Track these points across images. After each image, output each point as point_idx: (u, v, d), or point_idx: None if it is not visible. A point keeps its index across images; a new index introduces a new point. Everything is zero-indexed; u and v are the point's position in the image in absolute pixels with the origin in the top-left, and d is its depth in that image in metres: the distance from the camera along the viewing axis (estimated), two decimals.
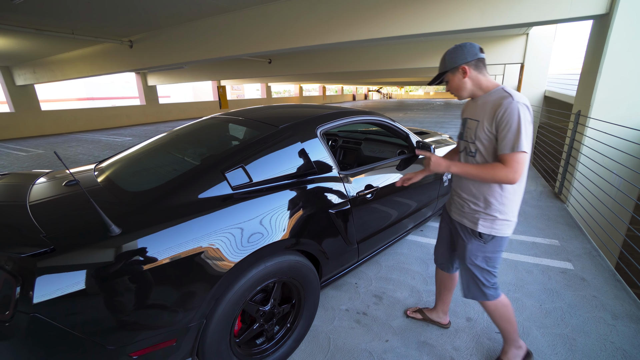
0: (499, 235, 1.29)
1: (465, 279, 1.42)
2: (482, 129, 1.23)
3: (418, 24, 4.29)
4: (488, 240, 1.30)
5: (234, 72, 12.92)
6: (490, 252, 1.32)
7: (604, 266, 2.33)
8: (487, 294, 1.37)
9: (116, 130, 12.79)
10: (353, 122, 2.00)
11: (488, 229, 1.28)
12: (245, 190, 1.38)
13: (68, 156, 7.41)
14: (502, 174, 1.15)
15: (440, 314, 1.77)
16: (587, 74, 3.78)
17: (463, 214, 1.36)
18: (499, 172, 1.15)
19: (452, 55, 1.25)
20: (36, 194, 1.39)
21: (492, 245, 1.31)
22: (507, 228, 1.28)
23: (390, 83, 31.88)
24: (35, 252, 0.91)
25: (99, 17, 5.88)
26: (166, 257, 1.06)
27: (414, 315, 1.84)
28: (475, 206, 1.30)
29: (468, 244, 1.35)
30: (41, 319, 0.87)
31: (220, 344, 1.25)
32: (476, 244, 1.33)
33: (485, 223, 1.28)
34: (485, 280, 1.36)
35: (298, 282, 1.50)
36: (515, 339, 1.47)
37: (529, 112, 1.13)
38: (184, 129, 2.15)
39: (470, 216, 1.33)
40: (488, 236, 1.29)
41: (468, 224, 1.34)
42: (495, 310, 1.41)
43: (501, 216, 1.26)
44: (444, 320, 1.77)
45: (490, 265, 1.34)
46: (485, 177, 1.19)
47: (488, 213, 1.27)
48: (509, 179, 1.14)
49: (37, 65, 10.44)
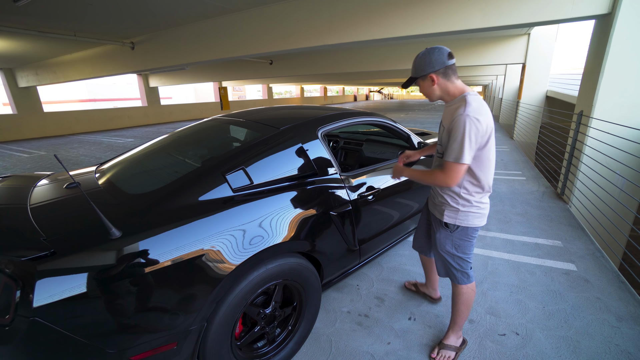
0: (464, 225, 1.40)
1: (439, 263, 1.57)
2: (444, 133, 1.33)
3: (419, 25, 4.28)
4: (454, 230, 1.44)
5: (236, 73, 12.96)
6: (458, 239, 1.45)
7: (607, 267, 2.31)
8: (458, 277, 1.51)
9: (118, 131, 12.83)
10: (354, 123, 1.99)
11: (452, 220, 1.42)
12: (246, 192, 1.37)
13: (70, 158, 7.43)
14: (440, 179, 1.29)
15: (431, 290, 1.98)
16: (589, 74, 3.76)
17: (434, 206, 1.52)
18: (437, 177, 1.30)
19: (422, 62, 1.31)
20: (37, 197, 1.39)
21: (458, 234, 1.44)
22: (472, 219, 1.40)
23: (391, 84, 31.86)
24: (36, 256, 0.91)
25: (101, 19, 5.91)
26: (167, 260, 1.06)
27: (410, 287, 2.09)
28: (442, 199, 1.45)
29: (437, 233, 1.51)
30: (41, 323, 0.87)
31: (222, 347, 1.25)
32: (444, 233, 1.47)
33: (450, 214, 1.42)
34: (457, 265, 1.49)
35: (299, 285, 1.50)
36: (461, 327, 1.61)
37: (477, 125, 1.20)
38: (185, 130, 2.15)
39: (439, 208, 1.48)
40: (453, 226, 1.43)
41: (437, 215, 1.49)
42: (463, 294, 1.53)
43: (463, 208, 1.39)
44: (435, 295, 1.97)
45: (460, 251, 1.46)
46: (426, 181, 1.38)
47: (452, 205, 1.41)
48: (446, 184, 1.28)
49: (40, 67, 10.50)
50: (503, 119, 11.84)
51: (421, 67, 1.31)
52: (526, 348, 1.61)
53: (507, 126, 10.74)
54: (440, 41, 8.88)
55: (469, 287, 1.52)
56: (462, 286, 1.52)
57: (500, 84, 15.77)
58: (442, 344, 1.59)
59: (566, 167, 3.82)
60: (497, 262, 2.43)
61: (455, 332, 1.60)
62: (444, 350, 1.56)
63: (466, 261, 1.48)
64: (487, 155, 1.28)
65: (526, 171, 5.12)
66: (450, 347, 1.57)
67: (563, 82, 9.08)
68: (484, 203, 1.40)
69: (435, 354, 1.56)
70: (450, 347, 1.57)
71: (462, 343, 1.62)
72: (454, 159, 1.23)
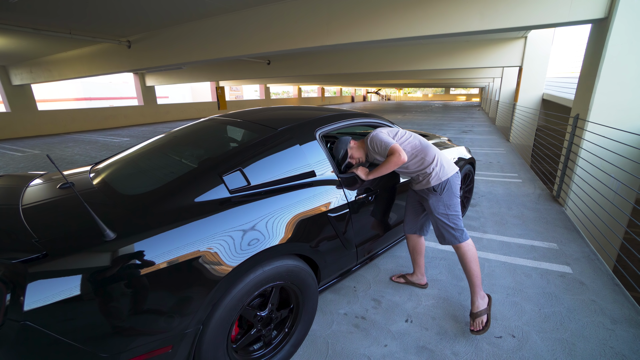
0: (444, 178, 1.74)
1: (437, 228, 1.82)
2: None
3: (417, 27, 4.30)
4: (441, 191, 1.75)
5: (233, 73, 12.92)
6: (447, 200, 1.76)
7: (602, 270, 2.33)
8: (457, 236, 1.75)
9: (114, 130, 12.72)
10: (352, 124, 1.99)
11: (436, 181, 1.74)
12: (243, 193, 1.36)
13: (65, 157, 7.35)
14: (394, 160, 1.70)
15: (419, 276, 2.13)
16: (585, 77, 3.79)
17: (419, 183, 1.83)
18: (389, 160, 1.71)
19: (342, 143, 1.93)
20: (29, 197, 1.37)
21: (446, 194, 1.75)
22: (445, 171, 1.76)
23: (389, 85, 31.97)
24: (27, 258, 0.89)
25: (96, 16, 5.86)
26: (162, 262, 1.04)
27: (398, 280, 2.20)
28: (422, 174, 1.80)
29: (430, 200, 1.79)
30: (32, 327, 0.85)
31: (217, 350, 1.23)
32: (433, 197, 1.77)
33: (431, 179, 1.75)
34: (453, 224, 1.76)
35: (296, 287, 1.48)
36: (480, 285, 1.78)
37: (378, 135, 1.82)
38: (182, 130, 2.13)
39: (424, 182, 1.80)
40: (439, 186, 1.74)
41: (424, 186, 1.80)
42: (467, 251, 1.75)
43: (437, 168, 1.76)
44: (422, 281, 2.13)
45: (452, 210, 1.76)
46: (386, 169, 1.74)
47: (427, 172, 1.77)
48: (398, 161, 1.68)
49: (34, 65, 10.38)
50: (499, 121, 11.92)
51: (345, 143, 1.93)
52: (522, 350, 1.61)
53: (503, 129, 10.81)
54: (438, 43, 8.93)
55: (469, 244, 1.76)
56: (463, 244, 1.76)
57: (496, 86, 15.88)
58: (473, 314, 1.74)
59: (562, 169, 3.84)
60: (494, 264, 2.43)
61: (479, 294, 1.77)
62: (477, 319, 1.71)
63: (459, 217, 1.78)
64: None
65: (522, 174, 5.15)
66: (479, 313, 1.73)
67: (559, 85, 9.16)
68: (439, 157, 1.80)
69: (472, 325, 1.72)
70: (480, 312, 1.73)
71: (488, 301, 1.79)
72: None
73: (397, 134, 1.87)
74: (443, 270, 2.35)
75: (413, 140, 1.84)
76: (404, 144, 1.82)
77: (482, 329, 1.69)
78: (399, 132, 1.89)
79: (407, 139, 1.85)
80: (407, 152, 1.79)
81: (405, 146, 1.80)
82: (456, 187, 1.78)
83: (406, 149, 1.79)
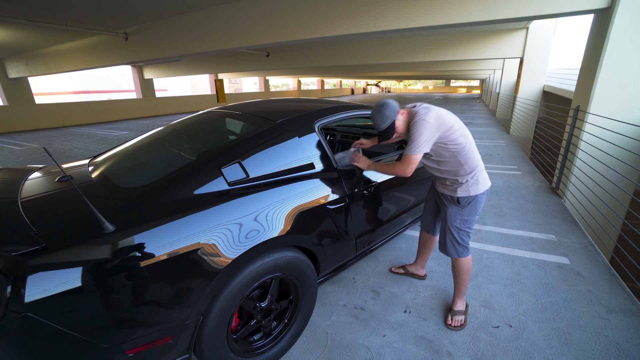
0: (473, 194, 1.61)
1: (444, 237, 1.76)
2: None
3: (418, 17, 4.24)
4: (465, 205, 1.63)
5: (232, 66, 12.79)
6: (467, 216, 1.66)
7: (599, 261, 2.34)
8: (460, 251, 1.71)
9: (112, 124, 12.66)
10: (351, 116, 1.97)
11: (465, 193, 1.62)
12: (242, 185, 1.36)
13: (63, 150, 7.33)
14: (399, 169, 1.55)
15: (419, 268, 2.15)
16: (587, 68, 3.76)
17: (445, 186, 1.70)
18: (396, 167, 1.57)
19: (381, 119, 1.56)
20: (28, 190, 1.37)
21: (467, 210, 1.64)
22: (478, 187, 1.61)
23: (389, 77, 31.70)
24: (27, 250, 0.89)
25: (92, 8, 5.76)
26: (161, 254, 1.05)
27: (397, 271, 2.20)
28: (450, 182, 1.66)
29: (449, 209, 1.69)
30: (33, 318, 0.86)
31: (218, 340, 1.25)
32: (455, 209, 1.66)
33: (460, 189, 1.62)
34: (460, 239, 1.70)
35: (296, 278, 1.50)
36: (464, 293, 1.83)
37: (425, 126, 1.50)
38: (180, 123, 2.12)
39: (450, 188, 1.66)
40: (464, 200, 1.62)
41: (448, 192, 1.68)
42: (464, 265, 1.74)
43: (471, 181, 1.60)
44: (421, 273, 2.15)
45: (466, 226, 1.68)
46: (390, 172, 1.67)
47: (460, 182, 1.62)
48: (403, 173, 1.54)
49: (31, 58, 10.26)
50: (500, 113, 11.86)
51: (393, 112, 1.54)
52: (519, 340, 1.64)
53: (503, 121, 10.76)
54: (439, 34, 8.82)
55: (468, 259, 1.74)
56: (463, 259, 1.73)
57: (497, 78, 15.75)
58: (453, 311, 1.80)
59: (561, 161, 3.84)
60: (492, 255, 2.45)
61: (461, 298, 1.82)
62: (456, 316, 1.77)
63: (469, 235, 1.71)
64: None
65: (522, 166, 5.15)
66: (459, 312, 1.79)
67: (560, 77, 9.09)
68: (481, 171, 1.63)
69: (449, 320, 1.76)
70: (460, 312, 1.79)
71: (467, 307, 1.84)
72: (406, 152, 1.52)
73: (452, 127, 1.51)
74: (442, 262, 2.36)
75: (462, 140, 1.53)
76: (449, 140, 1.51)
77: (459, 326, 1.73)
78: (454, 125, 1.51)
79: (455, 138, 1.52)
80: (449, 150, 1.54)
81: (449, 143, 1.52)
82: (481, 205, 1.65)
83: (448, 146, 1.52)
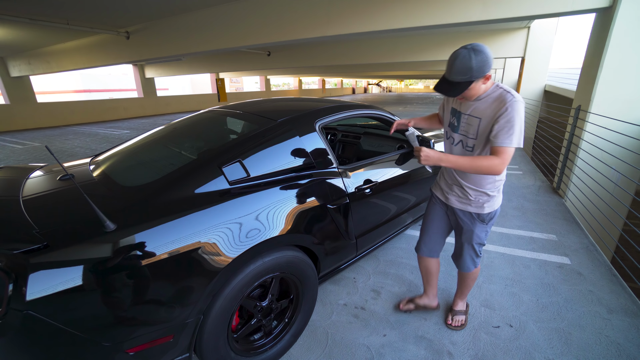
0: (497, 207, 1.46)
1: (462, 254, 1.58)
2: (485, 126, 1.28)
3: (419, 16, 4.23)
4: (488, 220, 1.47)
5: (233, 65, 12.79)
6: (489, 228, 1.52)
7: (600, 261, 2.34)
8: (477, 262, 1.60)
9: (113, 123, 12.67)
10: (352, 116, 1.97)
11: (491, 208, 1.44)
12: (242, 185, 1.36)
13: (65, 149, 7.35)
14: (495, 164, 1.22)
15: (431, 298, 1.84)
16: (588, 68, 3.75)
17: (468, 201, 1.45)
18: (490, 162, 1.23)
19: (481, 62, 1.16)
20: (30, 189, 1.37)
21: (490, 223, 1.50)
22: (500, 197, 1.48)
23: (390, 76, 31.65)
24: (28, 249, 0.90)
25: (94, 6, 5.77)
26: (163, 253, 1.05)
27: (407, 307, 1.85)
28: (478, 192, 1.42)
29: (474, 228, 1.48)
30: (35, 317, 0.86)
31: (218, 339, 1.25)
32: (480, 226, 1.48)
33: (488, 204, 1.43)
34: (478, 251, 1.57)
35: (296, 278, 1.50)
36: (466, 296, 1.79)
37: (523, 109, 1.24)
38: (181, 122, 2.12)
39: (475, 203, 1.44)
40: (488, 216, 1.45)
41: (473, 209, 1.45)
42: (474, 274, 1.65)
43: (498, 194, 1.45)
44: (434, 303, 1.85)
45: (486, 238, 1.55)
46: (476, 169, 1.26)
47: (489, 195, 1.42)
48: (498, 170, 1.23)
49: (32, 56, 10.28)
50: None
51: (481, 68, 1.17)
52: (519, 340, 1.64)
53: None
54: (440, 33, 8.80)
55: (479, 267, 1.64)
56: (476, 268, 1.62)
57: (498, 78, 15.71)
58: (453, 311, 1.77)
59: (562, 161, 3.83)
60: (493, 255, 2.45)
61: (462, 298, 1.79)
62: (456, 316, 1.75)
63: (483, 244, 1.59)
64: None
65: (523, 165, 5.14)
66: (460, 312, 1.77)
67: (561, 77, 9.06)
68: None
69: (450, 320, 1.74)
70: (460, 311, 1.76)
71: (467, 307, 1.82)
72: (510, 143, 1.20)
73: None
74: (442, 262, 2.36)
75: None
76: None
77: (459, 326, 1.72)
78: None
79: None
80: None
81: None
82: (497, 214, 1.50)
83: None
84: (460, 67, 1.18)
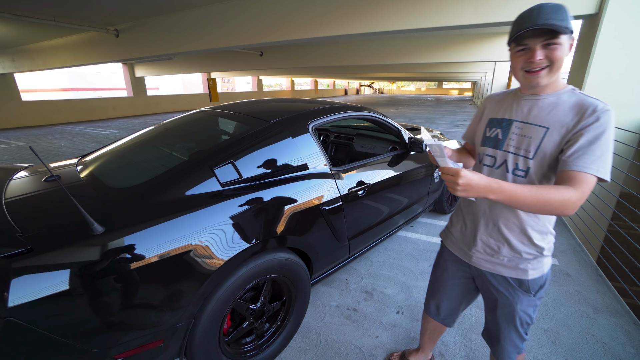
0: (548, 269, 0.99)
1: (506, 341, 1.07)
2: (555, 141, 0.85)
3: (411, 19, 4.27)
4: (538, 289, 0.98)
5: (225, 65, 12.69)
6: (539, 301, 1.01)
7: (586, 261, 2.40)
8: (521, 348, 1.10)
9: (102, 122, 12.42)
10: (345, 117, 1.98)
11: (539, 272, 0.96)
12: (234, 186, 1.35)
13: (51, 149, 7.16)
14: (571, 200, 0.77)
15: (427, 353, 1.50)
16: (575, 72, 3.84)
17: (500, 259, 0.99)
18: (563, 195, 0.76)
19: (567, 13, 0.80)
20: (13, 190, 1.33)
21: (540, 293, 1.00)
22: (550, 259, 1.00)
23: (382, 78, 31.89)
24: (10, 253, 0.87)
25: (81, 4, 5.65)
26: (152, 257, 1.03)
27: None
28: (523, 246, 0.95)
29: (517, 303, 0.99)
30: (17, 323, 0.83)
31: (209, 343, 1.23)
32: (526, 300, 0.99)
33: (536, 265, 0.96)
34: (524, 334, 1.06)
35: (289, 280, 1.49)
36: None
37: None
38: (172, 122, 2.09)
39: (514, 262, 0.97)
40: (536, 282, 0.97)
41: (512, 273, 0.98)
42: None
43: (548, 249, 0.97)
44: (428, 357, 1.53)
45: (535, 314, 1.04)
46: (542, 205, 0.77)
47: (538, 252, 0.95)
48: (573, 208, 0.78)
49: (17, 53, 10.00)
50: None
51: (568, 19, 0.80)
52: None
53: None
54: (432, 36, 8.91)
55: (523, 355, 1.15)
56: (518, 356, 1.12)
57: (489, 80, 15.99)
58: None
59: None
60: None
61: None
62: None
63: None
64: None
65: None
66: None
67: None
68: None
69: None
70: None
71: None
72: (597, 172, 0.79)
73: None
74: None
75: None
76: None
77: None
78: None
79: None
80: None
81: None
82: None
83: None
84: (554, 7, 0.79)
